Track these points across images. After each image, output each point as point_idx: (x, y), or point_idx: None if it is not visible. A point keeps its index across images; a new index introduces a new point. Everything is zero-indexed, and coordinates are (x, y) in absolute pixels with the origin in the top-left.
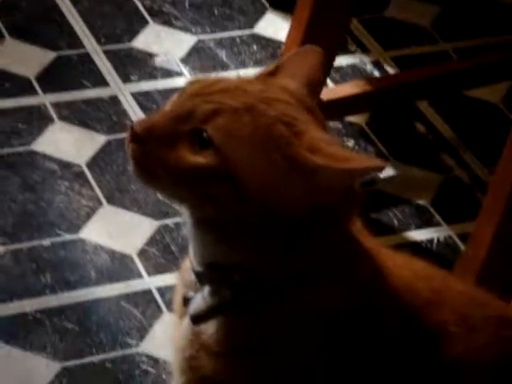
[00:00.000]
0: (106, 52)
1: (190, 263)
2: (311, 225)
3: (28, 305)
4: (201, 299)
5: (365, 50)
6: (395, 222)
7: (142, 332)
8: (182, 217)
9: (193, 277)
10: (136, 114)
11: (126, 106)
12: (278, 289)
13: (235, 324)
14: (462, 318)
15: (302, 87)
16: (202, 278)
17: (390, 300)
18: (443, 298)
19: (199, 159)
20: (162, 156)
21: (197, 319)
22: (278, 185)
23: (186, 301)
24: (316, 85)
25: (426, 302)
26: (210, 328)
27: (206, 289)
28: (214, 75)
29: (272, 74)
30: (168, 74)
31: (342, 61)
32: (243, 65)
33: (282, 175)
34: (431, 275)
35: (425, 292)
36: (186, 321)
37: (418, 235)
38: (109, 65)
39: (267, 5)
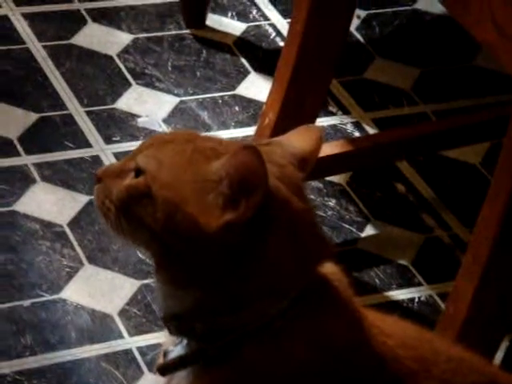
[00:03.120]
0: (88, 113)
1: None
2: (246, 255)
3: (7, 366)
4: (177, 352)
5: (345, 111)
6: (377, 281)
7: None
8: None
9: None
10: None
11: None
12: (237, 341)
13: (204, 378)
14: None
15: (292, 159)
16: (169, 327)
17: (368, 367)
18: (429, 368)
19: (131, 182)
20: (112, 186)
21: (163, 370)
22: (185, 201)
23: (165, 355)
24: (310, 162)
25: (411, 372)
26: (182, 382)
27: (184, 341)
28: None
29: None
30: (150, 134)
31: (323, 121)
32: (225, 125)
33: (191, 192)
34: (418, 342)
35: (410, 362)
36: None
37: (400, 295)
38: (91, 126)
39: (249, 67)
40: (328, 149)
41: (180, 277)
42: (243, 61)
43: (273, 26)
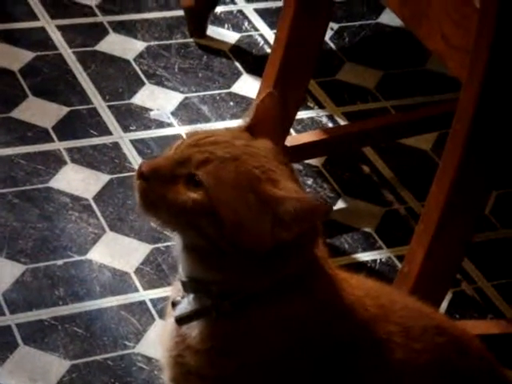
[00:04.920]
0: (109, 107)
1: (179, 274)
2: (277, 254)
3: (44, 313)
4: (186, 304)
5: (321, 106)
6: (346, 245)
7: (138, 336)
8: (174, 239)
9: (180, 285)
10: (134, 157)
11: (125, 151)
12: (248, 300)
13: (214, 327)
14: (404, 329)
15: (275, 146)
16: (186, 287)
17: (343, 314)
18: (389, 313)
19: (192, 195)
20: (163, 191)
21: (180, 321)
22: (249, 221)
23: (174, 304)
24: (277, 125)
25: (373, 316)
26: (193, 331)
27: (191, 295)
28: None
29: (249, 127)
30: (161, 125)
31: (302, 114)
32: (222, 117)
33: (253, 212)
34: (379, 293)
35: (373, 308)
36: (172, 323)
37: (365, 257)
38: (112, 117)
39: (242, 69)
40: (307, 137)
41: (214, 263)
42: (237, 64)
43: (261, 35)
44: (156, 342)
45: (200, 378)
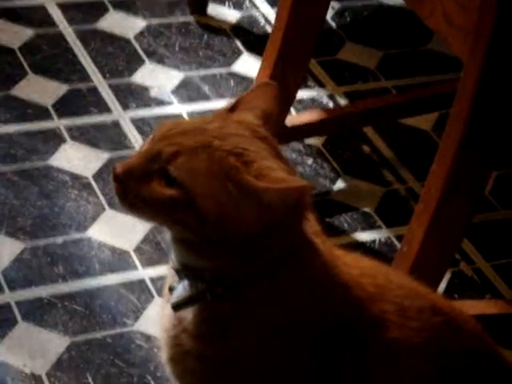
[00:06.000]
0: (109, 85)
1: (172, 261)
2: (265, 235)
3: (44, 291)
4: (182, 289)
5: (322, 85)
6: (345, 225)
7: (137, 314)
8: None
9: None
10: (134, 136)
11: (125, 129)
12: (241, 283)
13: (209, 311)
14: (400, 308)
15: (256, 119)
16: (180, 273)
17: (337, 292)
18: (385, 292)
19: (167, 192)
20: (139, 190)
21: (176, 307)
22: (232, 209)
23: (171, 289)
24: (271, 115)
25: (369, 295)
26: (188, 314)
27: (186, 281)
28: (206, 108)
29: (231, 109)
30: (161, 103)
31: (303, 94)
32: (222, 96)
33: (235, 201)
34: (376, 272)
35: (369, 287)
36: (170, 306)
37: (364, 236)
38: (112, 96)
39: (242, 48)
40: (307, 117)
41: (204, 252)
42: (238, 43)
43: (262, 14)
44: (155, 320)
45: (197, 358)
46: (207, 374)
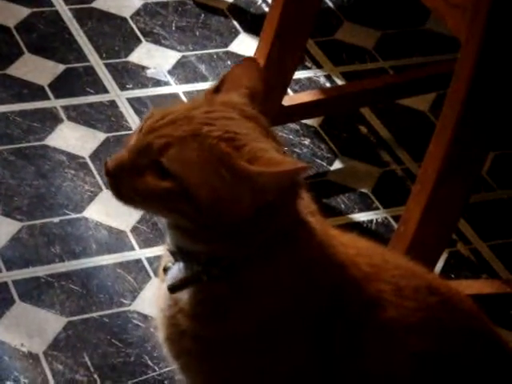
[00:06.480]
0: (106, 65)
1: (167, 243)
2: (259, 216)
3: (41, 270)
4: (177, 270)
5: (319, 65)
6: (342, 206)
7: (134, 293)
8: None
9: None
10: (131, 115)
11: (122, 109)
12: (237, 264)
13: (204, 292)
14: (396, 288)
15: (242, 97)
16: (175, 256)
17: (333, 272)
18: (381, 272)
19: (162, 184)
20: (132, 184)
21: (173, 289)
22: (226, 195)
23: (166, 270)
24: (257, 93)
25: (365, 275)
26: (185, 296)
27: (181, 263)
28: (203, 88)
29: (217, 89)
30: (157, 83)
31: (300, 74)
32: (218, 77)
33: (229, 186)
34: (372, 252)
35: (365, 267)
36: (165, 287)
37: (361, 217)
38: (109, 75)
39: (239, 28)
40: (304, 97)
41: (199, 236)
42: (235, 23)
43: None
44: (152, 300)
45: (193, 338)
46: (203, 354)
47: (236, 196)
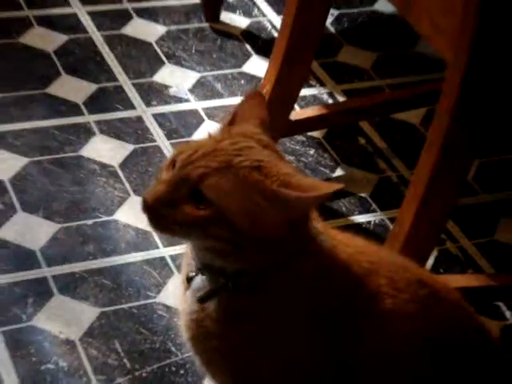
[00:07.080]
0: (133, 84)
1: (193, 259)
2: (287, 232)
3: (76, 267)
4: (200, 280)
5: (322, 84)
6: (343, 209)
7: (159, 287)
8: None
9: (193, 263)
10: (155, 129)
11: (147, 123)
12: (262, 276)
13: (231, 301)
14: (391, 281)
15: (256, 127)
16: (201, 270)
17: (345, 272)
18: (378, 268)
19: (200, 213)
20: (172, 216)
21: (202, 300)
22: (262, 219)
23: (189, 279)
24: (265, 122)
25: (366, 270)
26: (211, 304)
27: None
28: (220, 104)
29: (231, 121)
30: (179, 100)
31: (305, 92)
32: (233, 94)
33: (265, 211)
34: (368, 250)
35: (364, 263)
36: (190, 294)
37: (360, 219)
38: (136, 94)
39: (252, 51)
40: (309, 112)
41: (230, 255)
42: (247, 46)
43: (269, 21)
44: (174, 293)
45: (219, 338)
46: (228, 352)
47: (271, 218)
